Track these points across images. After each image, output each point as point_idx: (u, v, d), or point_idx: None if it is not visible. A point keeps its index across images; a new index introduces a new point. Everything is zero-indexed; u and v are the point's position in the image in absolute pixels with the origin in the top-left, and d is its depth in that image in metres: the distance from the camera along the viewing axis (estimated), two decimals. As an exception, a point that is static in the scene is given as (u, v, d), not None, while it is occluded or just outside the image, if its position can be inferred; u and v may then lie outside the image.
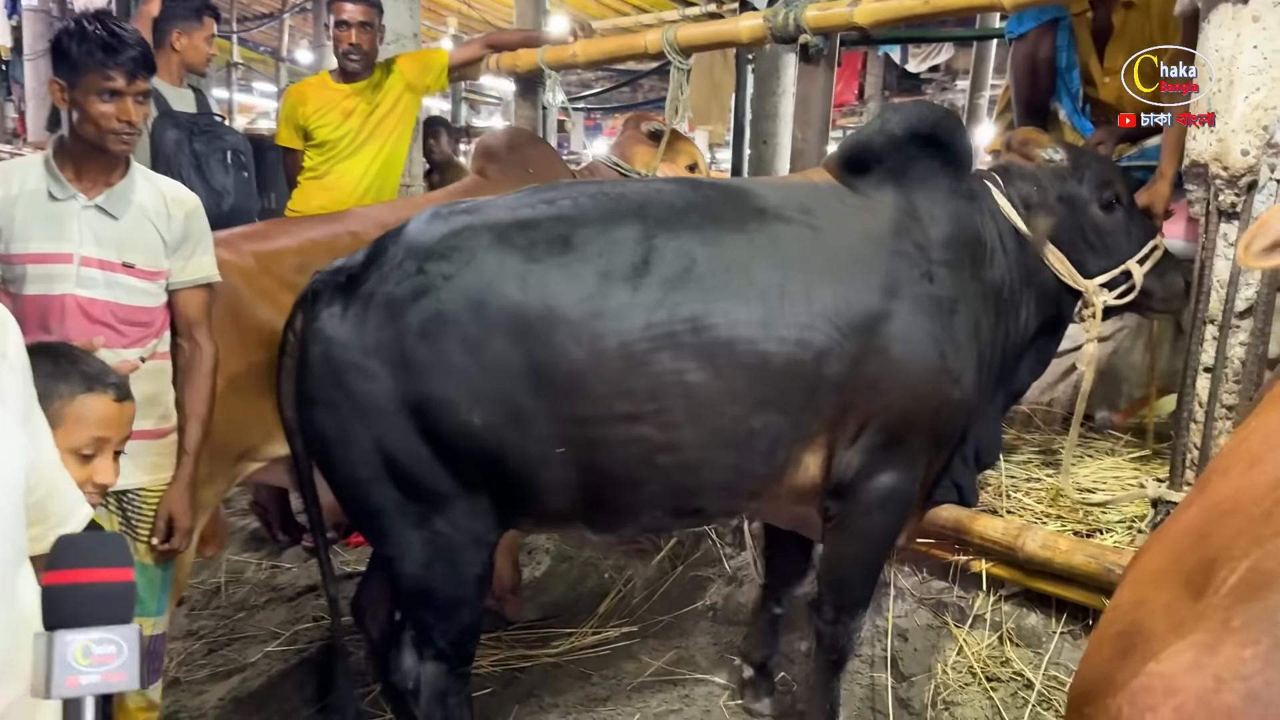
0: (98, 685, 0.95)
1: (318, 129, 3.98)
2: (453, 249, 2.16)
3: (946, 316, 2.30)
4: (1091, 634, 1.13)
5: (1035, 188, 2.56)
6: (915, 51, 12.57)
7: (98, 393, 1.78)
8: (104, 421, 1.77)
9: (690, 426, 2.12)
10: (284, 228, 3.18)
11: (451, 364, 2.08)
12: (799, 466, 2.29)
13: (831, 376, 2.19)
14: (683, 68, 3.48)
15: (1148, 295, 2.63)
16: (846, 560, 2.50)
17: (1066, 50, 3.57)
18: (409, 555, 2.24)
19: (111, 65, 2.22)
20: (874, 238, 2.34)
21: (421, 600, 2.30)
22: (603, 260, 2.11)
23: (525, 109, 4.51)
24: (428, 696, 2.35)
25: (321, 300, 2.21)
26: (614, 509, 2.28)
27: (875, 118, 2.59)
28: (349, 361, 2.13)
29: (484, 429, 2.09)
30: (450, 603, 2.29)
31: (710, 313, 2.10)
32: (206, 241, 2.53)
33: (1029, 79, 3.58)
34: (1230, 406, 2.46)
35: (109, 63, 2.22)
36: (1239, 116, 2.32)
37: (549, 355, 2.06)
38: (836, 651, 2.56)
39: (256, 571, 4.07)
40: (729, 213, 2.29)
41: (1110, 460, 3.20)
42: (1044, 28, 3.52)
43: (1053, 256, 2.55)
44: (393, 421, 2.11)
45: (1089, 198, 2.58)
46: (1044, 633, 2.71)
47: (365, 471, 2.16)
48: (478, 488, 2.18)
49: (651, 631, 3.37)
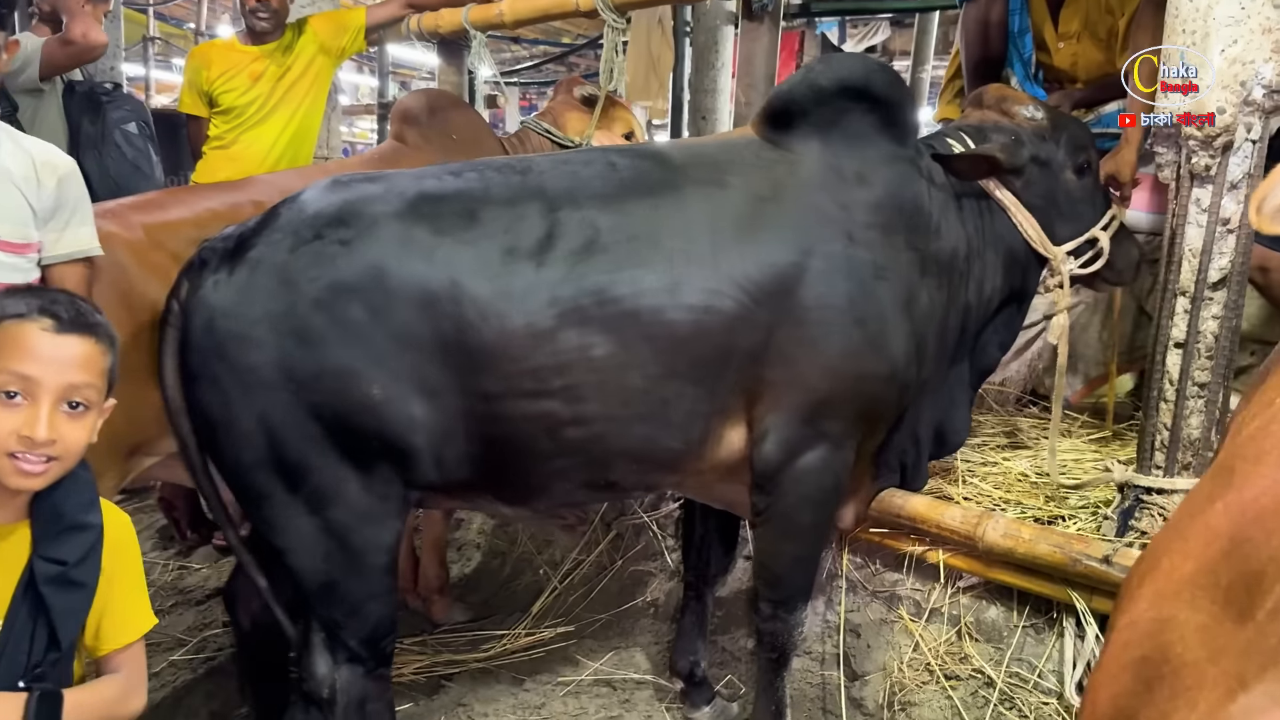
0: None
1: (223, 94, 3.69)
2: (354, 215, 2.03)
3: (870, 282, 2.16)
4: (1103, 656, 0.93)
5: (1014, 143, 2.40)
6: (852, 31, 12.51)
7: (29, 319, 1.50)
8: (30, 354, 1.48)
9: (599, 399, 2.05)
10: (179, 197, 2.89)
11: (349, 334, 1.96)
12: (720, 441, 2.20)
13: (745, 345, 2.10)
14: (617, 26, 3.25)
15: (1108, 265, 2.50)
16: (779, 553, 2.37)
17: (1019, 14, 3.41)
18: (304, 547, 2.08)
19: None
20: (790, 195, 2.20)
21: (325, 597, 2.13)
22: (509, 235, 2.04)
23: (450, 75, 4.24)
24: (345, 704, 2.18)
25: (208, 267, 2.04)
26: (523, 482, 2.17)
27: (804, 68, 2.41)
28: (233, 332, 1.98)
29: (384, 402, 1.97)
30: (356, 597, 2.13)
31: (614, 283, 2.03)
32: (84, 210, 2.27)
33: (980, 43, 3.42)
34: (1202, 384, 2.31)
35: None
36: (1214, 72, 2.16)
37: (455, 330, 1.98)
38: (777, 650, 2.43)
39: (163, 573, 3.79)
40: (636, 179, 2.17)
41: (1068, 441, 3.05)
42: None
43: (1025, 221, 2.41)
44: (281, 397, 1.96)
45: (1064, 161, 2.45)
46: (1005, 627, 2.55)
47: (251, 454, 2.01)
48: (376, 466, 2.05)
49: (589, 631, 3.16)
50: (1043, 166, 2.43)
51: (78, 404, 1.53)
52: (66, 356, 1.52)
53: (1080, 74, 3.41)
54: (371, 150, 3.56)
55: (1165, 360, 2.35)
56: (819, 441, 2.20)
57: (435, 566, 3.37)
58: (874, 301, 2.17)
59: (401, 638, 3.21)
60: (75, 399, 1.52)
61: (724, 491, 2.45)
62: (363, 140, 14.88)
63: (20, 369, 1.47)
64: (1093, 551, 2.30)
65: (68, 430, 1.51)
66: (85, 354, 1.54)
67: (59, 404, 1.50)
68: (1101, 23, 3.27)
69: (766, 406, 2.17)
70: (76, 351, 1.53)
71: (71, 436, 1.52)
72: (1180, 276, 2.30)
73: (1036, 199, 2.42)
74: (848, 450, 2.27)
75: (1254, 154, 2.20)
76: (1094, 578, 2.29)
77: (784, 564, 2.38)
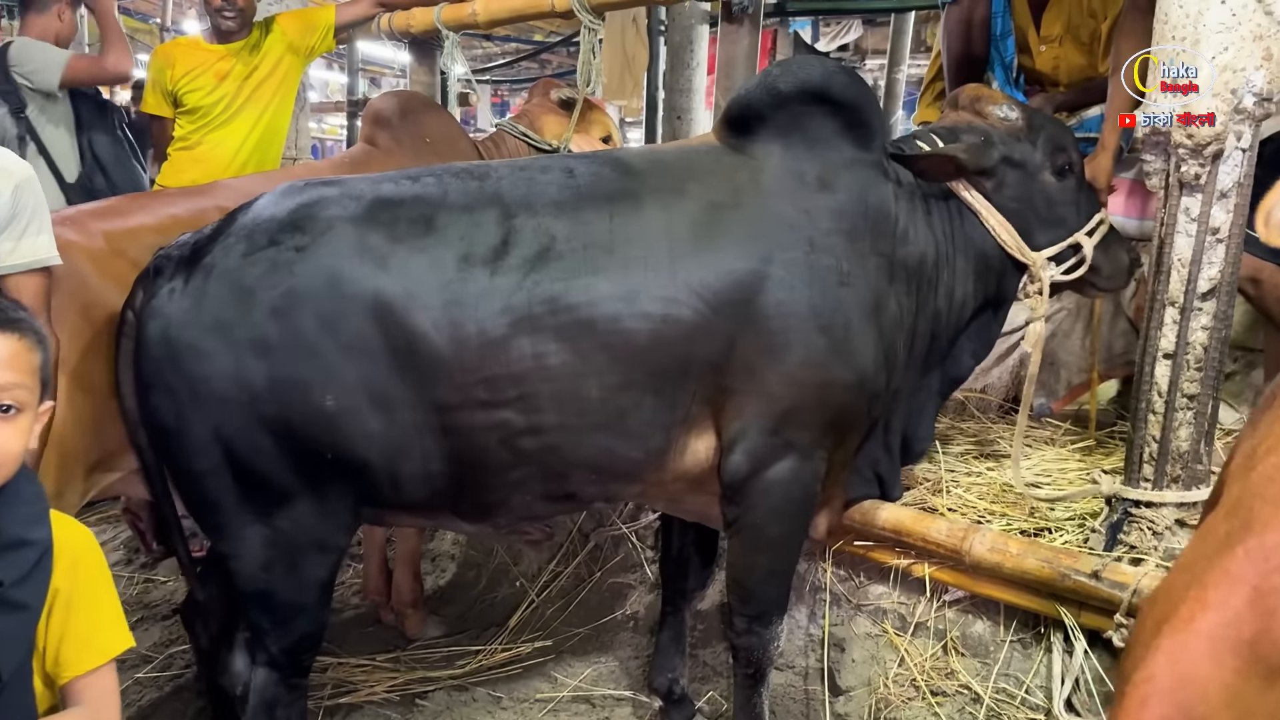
0: None
1: (188, 94, 3.60)
2: (308, 220, 2.01)
3: (834, 289, 2.13)
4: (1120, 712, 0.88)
5: (982, 143, 2.33)
6: (825, 30, 12.50)
7: None
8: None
9: (555, 409, 2.03)
10: (141, 203, 2.80)
11: (303, 343, 1.94)
12: (684, 451, 2.18)
13: (705, 354, 2.08)
14: (594, 27, 3.18)
15: (1094, 271, 2.45)
16: (751, 566, 2.34)
17: (1002, 17, 3.38)
18: (246, 554, 2.10)
19: None
20: (750, 201, 2.17)
21: (258, 603, 2.15)
22: (464, 243, 2.02)
23: (422, 75, 4.15)
24: (255, 704, 2.20)
25: (163, 276, 2.04)
26: (482, 496, 2.14)
27: (763, 72, 2.36)
28: (187, 341, 1.97)
29: (338, 413, 1.96)
30: (289, 608, 2.15)
31: (569, 291, 2.01)
32: (41, 218, 2.17)
33: (962, 43, 3.37)
34: (1191, 395, 2.28)
35: None
36: (1205, 79, 2.12)
37: (409, 339, 1.96)
38: (754, 665, 2.40)
39: (128, 586, 3.68)
40: (593, 186, 2.15)
41: (1052, 451, 3.02)
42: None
43: (998, 225, 2.35)
44: (234, 407, 1.96)
45: (1042, 162, 2.38)
46: (991, 641, 2.51)
47: (202, 462, 2.01)
48: (327, 481, 2.04)
49: (567, 646, 3.10)
50: (1017, 168, 2.36)
51: (8, 406, 1.43)
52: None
53: (1062, 77, 3.37)
54: (341, 154, 3.47)
55: (1154, 371, 2.31)
56: (786, 452, 2.18)
57: (409, 580, 3.29)
58: (838, 308, 2.14)
59: (374, 654, 3.15)
60: (3, 400, 1.43)
61: (694, 503, 2.41)
62: (332, 137, 14.71)
63: None
64: (1082, 566, 2.25)
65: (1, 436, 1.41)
66: (8, 352, 1.44)
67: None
68: (1084, 26, 3.24)
69: (732, 416, 2.15)
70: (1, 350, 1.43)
71: (7, 443, 1.42)
72: (1169, 287, 2.26)
73: (1010, 202, 2.36)
74: (817, 460, 2.23)
75: (1244, 162, 2.17)
76: (1083, 592, 2.25)
77: (757, 577, 2.35)
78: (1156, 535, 2.31)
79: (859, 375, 2.18)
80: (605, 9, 3.24)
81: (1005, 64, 3.40)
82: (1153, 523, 2.32)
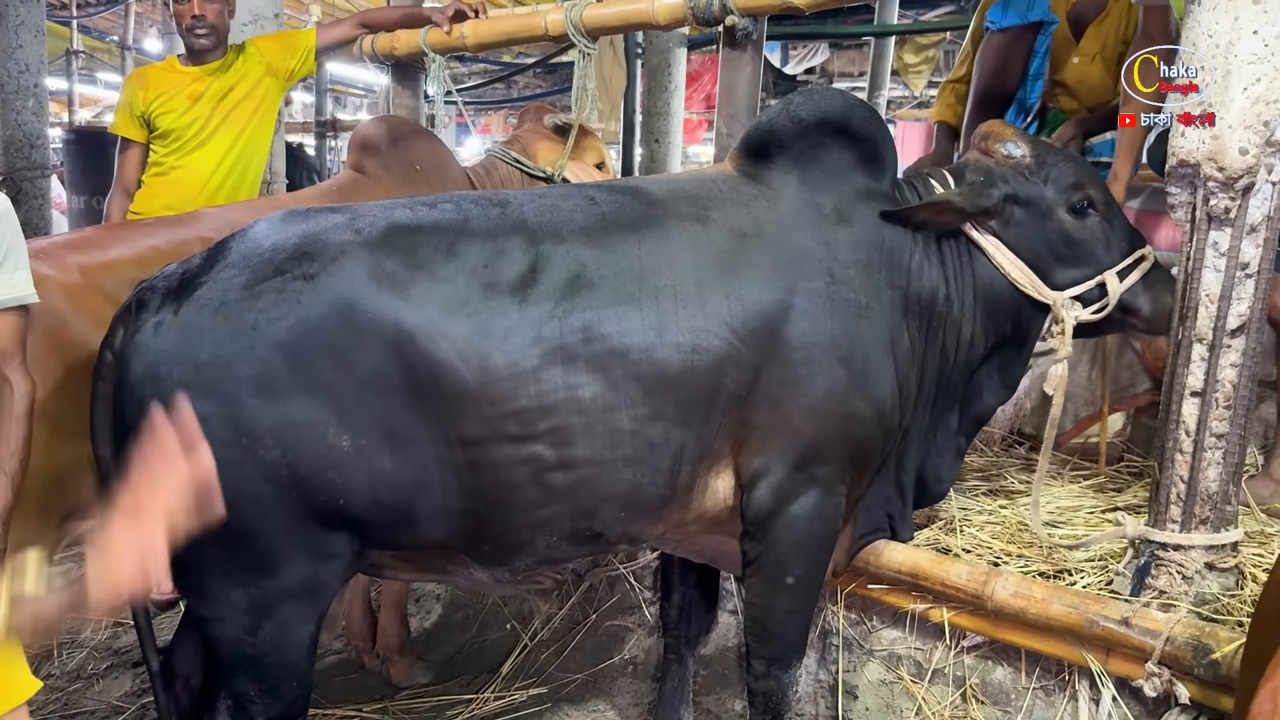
0: None
1: (160, 115, 3.46)
2: (318, 247, 1.88)
3: (854, 321, 2.10)
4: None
5: (982, 183, 2.29)
6: (793, 53, 12.59)
7: None
8: None
9: (587, 442, 1.95)
10: (118, 234, 2.66)
11: (315, 379, 1.80)
12: (705, 489, 2.13)
13: (732, 386, 2.03)
14: (589, 52, 3.09)
15: (1132, 312, 2.39)
16: (771, 605, 2.26)
17: (1040, 58, 3.33)
18: (230, 618, 1.92)
19: None
20: (771, 231, 2.13)
21: (243, 671, 1.97)
22: (489, 270, 1.93)
23: (405, 99, 4.03)
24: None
25: (147, 310, 1.87)
26: (506, 536, 2.01)
27: (782, 101, 2.32)
28: (178, 378, 1.79)
29: (354, 455, 1.82)
30: (278, 674, 1.98)
31: (602, 320, 1.95)
32: (19, 254, 2.04)
33: (998, 75, 3.33)
34: (1220, 434, 2.21)
35: None
36: (1236, 111, 2.06)
37: (432, 372, 1.85)
38: (771, 710, 2.32)
39: (95, 632, 3.49)
40: (618, 213, 2.08)
41: (1061, 486, 2.95)
42: (1027, 28, 3.27)
43: (1008, 264, 2.30)
44: (230, 453, 1.75)
45: (1055, 199, 2.32)
46: (1013, 689, 2.42)
47: None
48: (330, 529, 1.89)
49: (563, 693, 2.98)
50: (1024, 206, 2.32)
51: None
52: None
53: (1083, 94, 3.36)
54: (328, 181, 3.33)
55: (1181, 410, 2.24)
56: (810, 486, 2.13)
57: (395, 624, 3.16)
58: (858, 341, 2.11)
59: (360, 703, 3.01)
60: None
61: (706, 544, 2.34)
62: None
63: None
64: (1110, 613, 2.18)
65: None
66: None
67: None
68: (1115, 49, 3.23)
69: (754, 451, 2.10)
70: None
71: None
72: (1197, 323, 2.20)
73: (1022, 240, 2.32)
74: (839, 496, 2.19)
75: (1274, 196, 2.11)
76: (1111, 639, 2.18)
77: (777, 617, 2.27)
78: (1186, 579, 2.24)
79: (877, 408, 2.15)
80: (600, 33, 3.16)
81: (1026, 106, 3.36)
82: (1182, 566, 2.25)
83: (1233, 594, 2.23)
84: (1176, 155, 2.17)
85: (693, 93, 10.40)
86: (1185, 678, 2.07)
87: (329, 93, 8.98)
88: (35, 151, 5.37)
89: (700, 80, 11.12)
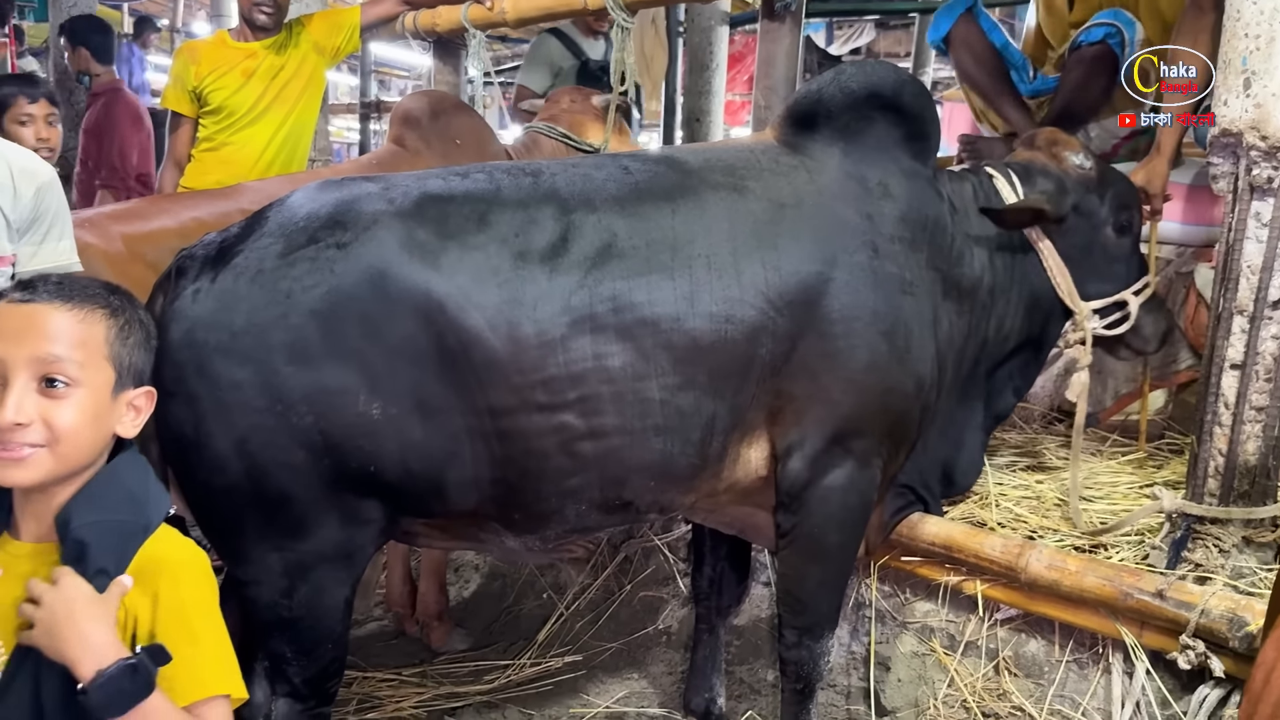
0: None
1: (213, 92, 3.52)
2: (351, 216, 1.88)
3: (897, 296, 2.11)
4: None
5: (1058, 190, 2.40)
6: (839, 33, 12.44)
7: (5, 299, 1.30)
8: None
9: (616, 411, 1.95)
10: (162, 205, 2.73)
11: (347, 347, 1.81)
12: (738, 460, 2.13)
13: (767, 356, 2.03)
14: (628, 26, 3.10)
15: (1134, 331, 2.52)
16: (804, 577, 2.27)
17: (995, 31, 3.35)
18: (267, 580, 1.93)
19: None
20: (811, 202, 2.13)
21: (279, 633, 1.98)
22: (520, 240, 1.93)
23: (446, 76, 4.07)
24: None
25: (186, 277, 1.88)
26: (535, 506, 2.03)
27: (833, 71, 2.31)
28: (215, 345, 1.80)
29: (382, 421, 1.83)
30: (313, 636, 1.99)
31: (633, 290, 1.94)
32: (63, 222, 2.11)
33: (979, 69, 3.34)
34: (1260, 408, 2.19)
35: None
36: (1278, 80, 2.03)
37: (462, 340, 1.85)
38: (802, 679, 2.33)
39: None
40: (651, 183, 2.07)
41: (1100, 463, 2.93)
42: None
43: (1057, 270, 2.39)
44: (265, 419, 1.79)
45: (1106, 217, 2.45)
46: (1046, 661, 2.42)
47: (222, 479, 1.84)
48: (363, 495, 1.91)
49: (598, 661, 3.01)
50: (1084, 218, 2.42)
51: (55, 381, 1.28)
52: (33, 327, 1.28)
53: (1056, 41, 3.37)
54: (368, 155, 3.39)
55: (1220, 382, 2.22)
56: (845, 459, 2.14)
57: (434, 591, 3.21)
58: (901, 315, 2.12)
59: (400, 668, 3.06)
60: (51, 374, 1.28)
61: (737, 514, 2.36)
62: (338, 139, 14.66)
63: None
64: (1145, 585, 2.16)
65: (50, 412, 1.27)
66: (58, 323, 1.29)
67: (34, 382, 1.27)
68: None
69: (790, 422, 2.10)
70: (45, 320, 1.29)
71: (57, 420, 1.27)
72: (1238, 295, 2.17)
73: (1073, 250, 2.42)
74: (874, 469, 2.20)
75: (1318, 166, 2.08)
76: (1145, 612, 2.16)
77: (809, 588, 2.28)
78: (1223, 553, 2.22)
79: (917, 383, 2.17)
80: (640, 6, 3.17)
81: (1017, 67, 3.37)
82: (1219, 540, 2.23)
83: (1270, 568, 2.21)
84: (1219, 124, 2.14)
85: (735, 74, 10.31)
86: (1220, 651, 2.05)
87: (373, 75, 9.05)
88: (90, 130, 5.47)
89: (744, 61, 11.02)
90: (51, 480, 1.30)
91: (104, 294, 1.37)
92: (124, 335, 1.36)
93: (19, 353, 1.26)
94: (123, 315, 1.37)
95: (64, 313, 1.30)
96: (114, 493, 1.35)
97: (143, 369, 1.41)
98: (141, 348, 1.41)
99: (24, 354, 1.26)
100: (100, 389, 1.32)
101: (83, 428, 1.30)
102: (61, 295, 1.31)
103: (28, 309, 1.29)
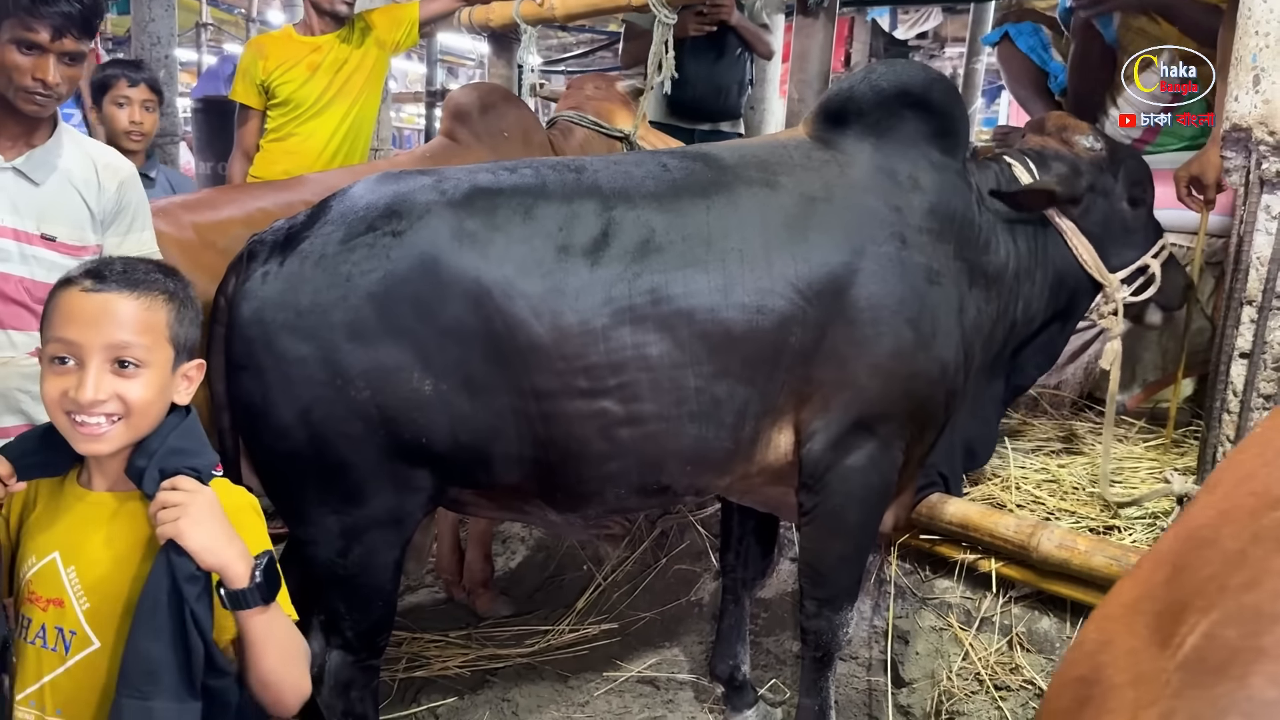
0: None
1: (280, 85, 3.71)
2: (406, 206, 2.04)
3: (923, 285, 2.18)
4: (1054, 674, 0.94)
5: (1071, 173, 2.48)
6: (904, 17, 12.31)
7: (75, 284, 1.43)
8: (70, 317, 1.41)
9: (654, 399, 2.05)
10: (230, 195, 2.92)
11: (402, 326, 1.96)
12: (769, 444, 2.21)
13: (797, 344, 2.11)
14: (668, 22, 3.21)
15: (1160, 291, 2.61)
16: (825, 552, 2.37)
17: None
18: (324, 540, 2.10)
19: (35, 15, 1.97)
20: (842, 195, 2.21)
21: (334, 589, 2.16)
22: (563, 233, 2.04)
23: (500, 68, 4.23)
24: (330, 686, 2.22)
25: (256, 260, 2.06)
26: (576, 486, 2.15)
27: (864, 69, 2.43)
28: (281, 323, 1.98)
29: (435, 398, 1.98)
30: (366, 593, 2.17)
31: (670, 283, 2.04)
32: (144, 214, 2.29)
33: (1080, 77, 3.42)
34: (1268, 396, 2.25)
35: (34, 11, 1.96)
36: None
37: (507, 325, 1.98)
38: (822, 649, 2.42)
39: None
40: (688, 179, 2.18)
41: (1125, 449, 2.99)
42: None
43: (1082, 248, 2.48)
44: (324, 390, 1.96)
45: (1121, 192, 2.54)
46: (1058, 638, 2.51)
47: (286, 446, 2.01)
48: (414, 465, 2.06)
49: (633, 629, 3.16)
50: (1100, 196, 2.51)
51: (127, 363, 1.43)
52: (105, 315, 1.42)
53: None
54: (422, 148, 3.56)
55: (1229, 371, 2.29)
56: (867, 440, 2.21)
57: (481, 560, 3.38)
58: (927, 304, 2.19)
59: (446, 630, 3.24)
60: (123, 358, 1.42)
61: (770, 495, 2.45)
62: (409, 125, 14.96)
63: (63, 334, 1.41)
64: (1150, 565, 2.24)
65: (123, 389, 1.42)
66: (127, 311, 1.43)
67: (107, 364, 1.42)
68: None
69: (816, 408, 2.18)
70: (115, 309, 1.43)
71: (129, 395, 1.42)
72: (1247, 285, 2.23)
73: (1094, 227, 2.51)
74: (895, 451, 2.27)
75: (1327, 160, 2.13)
76: (1151, 592, 2.24)
77: (830, 563, 2.37)
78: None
79: (942, 371, 2.23)
80: (680, 3, 3.28)
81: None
82: (1225, 523, 2.29)
83: (1274, 551, 2.26)
84: (1229, 119, 2.21)
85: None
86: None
87: (439, 63, 9.25)
88: (165, 120, 5.71)
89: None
90: (125, 448, 1.48)
91: (163, 279, 1.51)
92: (181, 317, 1.51)
93: (95, 340, 1.41)
94: (179, 298, 1.52)
95: (132, 301, 1.45)
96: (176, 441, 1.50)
97: (195, 344, 1.57)
98: (193, 324, 1.56)
99: (99, 341, 1.41)
100: (163, 366, 1.48)
101: (151, 402, 1.47)
102: (129, 284, 1.46)
103: (100, 298, 1.43)
